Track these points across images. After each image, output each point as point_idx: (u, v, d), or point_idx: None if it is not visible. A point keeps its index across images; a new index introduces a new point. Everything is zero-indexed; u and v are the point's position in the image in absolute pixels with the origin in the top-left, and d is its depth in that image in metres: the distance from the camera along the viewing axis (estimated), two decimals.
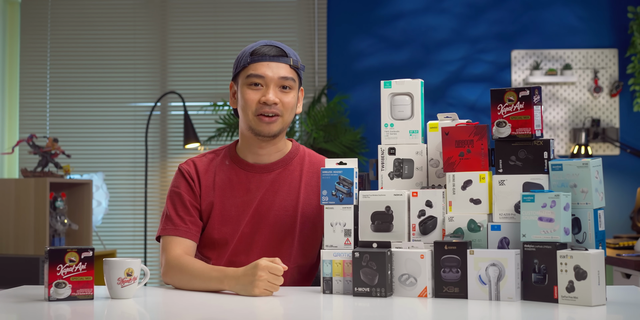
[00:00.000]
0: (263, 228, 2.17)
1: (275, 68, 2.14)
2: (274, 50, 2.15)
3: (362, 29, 5.46)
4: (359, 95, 5.43)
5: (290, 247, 2.18)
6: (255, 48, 2.16)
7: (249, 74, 2.14)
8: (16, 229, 4.31)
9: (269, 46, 2.16)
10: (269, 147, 2.21)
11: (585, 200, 1.74)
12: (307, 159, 2.26)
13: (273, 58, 2.14)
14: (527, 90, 1.80)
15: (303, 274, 2.23)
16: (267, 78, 2.13)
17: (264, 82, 2.14)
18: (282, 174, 2.21)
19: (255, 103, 2.14)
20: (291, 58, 2.16)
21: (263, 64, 2.14)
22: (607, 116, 5.29)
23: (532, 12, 5.40)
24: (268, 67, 2.13)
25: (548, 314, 1.62)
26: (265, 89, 2.14)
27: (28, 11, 5.57)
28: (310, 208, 2.19)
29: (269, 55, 2.14)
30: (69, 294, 1.82)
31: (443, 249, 1.80)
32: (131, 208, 5.50)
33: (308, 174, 2.22)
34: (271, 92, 2.13)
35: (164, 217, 2.20)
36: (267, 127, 2.14)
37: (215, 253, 2.19)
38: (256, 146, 2.20)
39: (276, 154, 2.22)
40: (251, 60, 2.14)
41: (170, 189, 2.23)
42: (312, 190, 2.21)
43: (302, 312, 1.73)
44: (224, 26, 5.56)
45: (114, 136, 5.55)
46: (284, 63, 2.15)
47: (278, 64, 2.14)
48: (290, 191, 2.19)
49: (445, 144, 1.88)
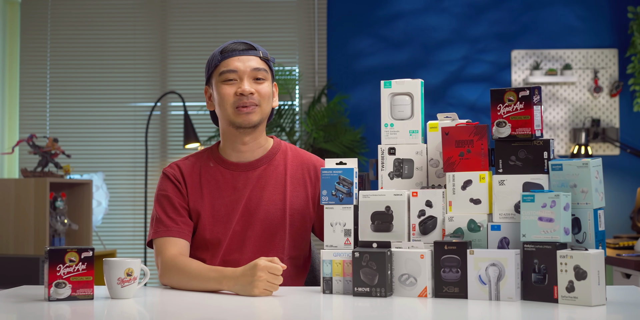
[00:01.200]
0: (254, 224, 2.19)
1: (246, 61, 2.19)
2: (242, 46, 2.21)
3: (362, 29, 5.46)
4: (359, 95, 5.43)
5: (282, 240, 2.20)
6: (224, 47, 2.22)
7: (222, 70, 2.19)
8: (16, 229, 4.31)
9: (237, 43, 2.22)
10: (251, 143, 2.23)
11: (585, 200, 1.74)
12: (289, 153, 2.29)
13: (242, 52, 2.19)
14: (527, 90, 1.80)
15: (298, 266, 2.25)
16: (240, 71, 2.18)
17: (237, 75, 2.18)
18: (267, 169, 2.23)
19: (231, 96, 2.18)
20: (260, 51, 2.22)
21: (234, 59, 2.19)
22: (607, 116, 5.29)
23: (532, 12, 5.40)
24: (239, 60, 2.19)
25: (548, 314, 1.62)
26: (239, 82, 2.18)
27: (28, 11, 5.57)
28: (297, 200, 2.22)
29: (237, 50, 2.20)
30: (69, 294, 1.82)
31: (443, 249, 1.80)
32: (131, 208, 5.50)
33: (292, 168, 2.25)
34: (246, 83, 2.17)
35: (153, 221, 2.21)
36: (247, 118, 2.17)
37: (209, 253, 2.20)
38: (239, 142, 2.22)
39: (259, 150, 2.24)
40: (222, 58, 2.20)
41: (157, 193, 2.24)
42: (298, 182, 2.24)
43: (302, 312, 1.73)
44: (224, 26, 5.56)
45: (114, 136, 5.54)
46: (253, 55, 2.20)
47: (248, 57, 2.20)
48: (276, 186, 2.22)
49: (445, 144, 1.88)
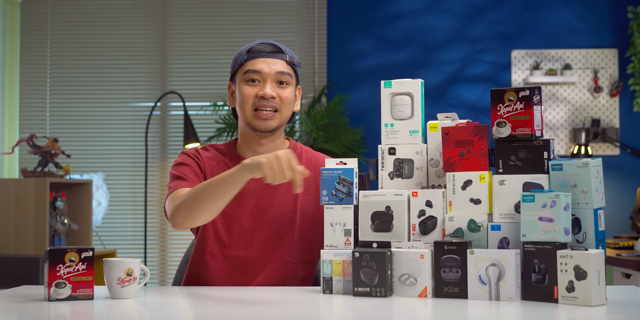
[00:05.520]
0: (263, 224, 2.19)
1: (272, 63, 2.18)
2: (269, 47, 2.20)
3: (362, 29, 5.46)
4: (359, 95, 5.43)
5: (291, 242, 2.19)
6: (252, 46, 2.21)
7: (246, 70, 2.18)
8: (16, 229, 4.31)
9: (265, 44, 2.21)
10: (267, 144, 2.23)
11: (585, 200, 1.74)
12: (304, 156, 2.29)
13: (269, 54, 2.18)
14: (527, 90, 1.80)
15: (307, 270, 2.24)
16: (264, 73, 2.17)
17: (261, 77, 2.17)
18: None
19: (252, 97, 2.17)
20: (287, 54, 2.20)
21: (259, 60, 2.18)
22: (607, 116, 5.29)
23: (532, 12, 5.40)
24: (264, 62, 2.18)
25: (548, 314, 1.62)
26: (262, 84, 2.18)
27: (28, 11, 5.57)
28: (309, 203, 2.21)
29: (265, 51, 2.18)
30: (69, 294, 1.82)
31: (443, 249, 1.80)
32: (131, 208, 5.50)
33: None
34: (268, 87, 2.17)
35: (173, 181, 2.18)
36: (265, 123, 2.18)
37: (215, 246, 2.19)
38: (255, 143, 2.22)
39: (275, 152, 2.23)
40: (248, 58, 2.19)
41: (176, 163, 2.22)
42: (310, 186, 2.23)
43: (302, 312, 1.73)
44: (224, 26, 5.56)
45: (114, 136, 5.54)
46: (280, 59, 2.19)
47: (274, 60, 2.18)
48: (289, 187, 2.21)
49: (445, 144, 1.88)
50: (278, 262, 2.18)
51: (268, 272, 2.18)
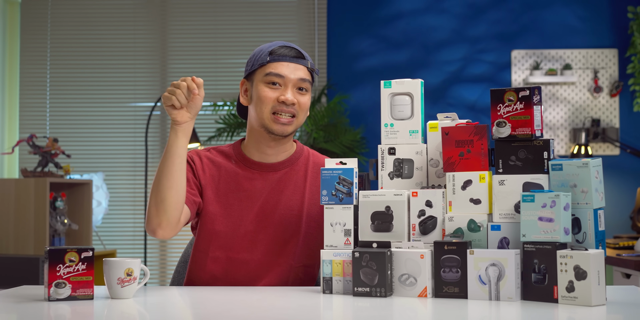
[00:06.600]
0: (268, 227, 2.17)
1: (294, 69, 2.16)
2: (293, 52, 2.17)
3: (362, 29, 5.46)
4: (359, 95, 5.43)
5: (295, 246, 2.17)
6: (274, 48, 2.17)
7: (268, 72, 2.15)
8: (16, 229, 4.31)
9: (288, 47, 2.18)
10: (277, 147, 2.21)
11: (585, 200, 1.74)
12: (311, 159, 2.27)
13: (292, 59, 2.16)
14: (527, 90, 1.80)
15: (310, 274, 2.22)
16: (286, 78, 2.15)
17: (283, 82, 2.15)
18: (289, 173, 2.21)
19: (272, 101, 2.15)
20: (308, 61, 2.19)
21: (282, 64, 2.15)
22: (607, 116, 5.29)
23: (532, 12, 5.40)
24: (287, 67, 2.15)
25: (548, 314, 1.62)
26: (283, 88, 2.15)
27: (28, 11, 5.57)
28: (315, 208, 2.20)
29: (289, 56, 2.16)
30: (69, 294, 1.81)
31: (443, 249, 1.80)
32: (131, 208, 5.50)
33: (312, 174, 2.23)
34: (289, 92, 2.14)
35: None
36: (282, 128, 2.15)
37: (218, 249, 2.17)
38: (265, 145, 2.20)
39: (283, 154, 2.23)
40: (271, 59, 2.15)
41: None
42: (317, 190, 2.22)
43: (302, 312, 1.73)
44: (224, 26, 5.56)
45: (114, 136, 5.55)
46: (302, 65, 2.17)
47: (297, 66, 2.16)
48: (295, 191, 2.20)
49: (445, 144, 1.88)
50: (282, 267, 2.17)
51: (271, 276, 2.16)
